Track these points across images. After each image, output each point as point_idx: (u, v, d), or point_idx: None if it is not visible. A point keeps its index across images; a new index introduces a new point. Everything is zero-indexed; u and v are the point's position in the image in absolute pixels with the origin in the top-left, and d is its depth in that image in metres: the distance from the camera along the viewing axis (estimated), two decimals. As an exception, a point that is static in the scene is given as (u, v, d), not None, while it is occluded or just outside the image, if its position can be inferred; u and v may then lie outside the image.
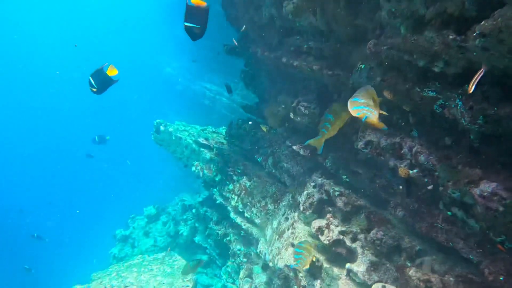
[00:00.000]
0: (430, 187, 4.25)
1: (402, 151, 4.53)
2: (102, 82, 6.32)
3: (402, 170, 4.36)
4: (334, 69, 5.52)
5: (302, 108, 6.47)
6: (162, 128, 14.29)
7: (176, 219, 15.15)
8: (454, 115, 3.69)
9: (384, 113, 4.03)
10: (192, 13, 4.70)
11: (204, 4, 4.70)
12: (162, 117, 15.32)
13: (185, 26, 4.75)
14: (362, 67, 4.76)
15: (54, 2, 47.24)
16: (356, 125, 5.59)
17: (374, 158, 5.20)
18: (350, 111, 3.98)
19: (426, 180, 4.19)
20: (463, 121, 3.53)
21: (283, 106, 7.10)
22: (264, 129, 8.94)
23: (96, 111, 37.84)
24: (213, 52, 22.19)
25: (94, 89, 6.32)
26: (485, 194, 3.41)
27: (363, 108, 3.91)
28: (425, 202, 4.56)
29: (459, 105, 3.55)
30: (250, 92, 10.34)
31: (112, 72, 6.22)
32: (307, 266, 5.67)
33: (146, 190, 24.49)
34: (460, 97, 3.55)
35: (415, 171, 4.29)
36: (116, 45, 48.53)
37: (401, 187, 5.03)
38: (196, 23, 4.76)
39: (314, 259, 5.83)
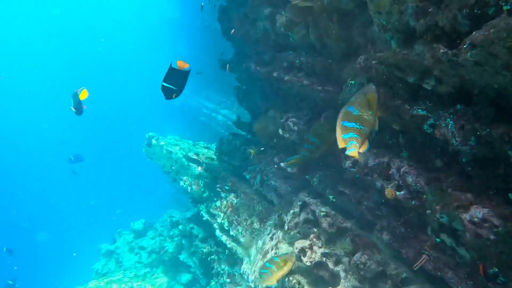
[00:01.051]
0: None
1: (390, 172, 4.31)
2: (77, 105, 6.82)
3: (389, 192, 4.14)
4: (325, 85, 5.36)
5: (291, 124, 6.28)
6: (153, 141, 14.07)
7: (163, 235, 14.79)
8: (444, 135, 3.49)
9: (375, 128, 3.79)
10: (173, 75, 4.81)
11: (187, 66, 4.83)
12: (158, 132, 15.14)
13: (162, 85, 4.83)
14: (352, 83, 4.59)
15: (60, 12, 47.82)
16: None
17: (362, 178, 4.98)
18: (338, 142, 3.74)
19: (413, 202, 3.96)
20: (454, 142, 3.33)
21: (272, 121, 6.91)
22: (252, 151, 8.75)
23: (91, 125, 37.63)
24: (211, 69, 22.27)
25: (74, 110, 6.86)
26: (475, 220, 3.18)
27: (352, 136, 3.70)
28: (412, 226, 4.32)
29: (450, 125, 3.35)
30: (243, 109, 10.17)
31: (83, 96, 6.71)
32: (270, 283, 5.35)
33: (137, 205, 24.07)
34: (451, 116, 3.36)
35: (402, 192, 4.07)
36: (116, 59, 48.92)
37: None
38: (174, 85, 4.88)
39: (282, 277, 5.58)
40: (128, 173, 30.09)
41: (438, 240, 4.02)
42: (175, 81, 4.89)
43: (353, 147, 3.66)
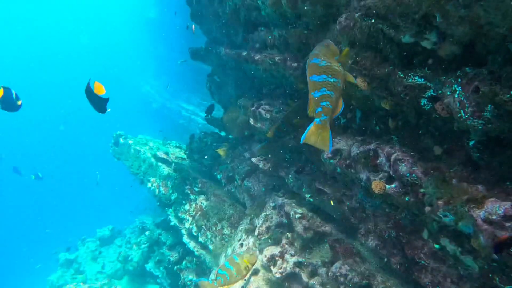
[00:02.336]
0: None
1: (378, 161, 3.46)
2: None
3: (377, 185, 3.29)
4: (300, 61, 4.51)
5: (263, 112, 5.41)
6: (121, 140, 13.03)
7: (130, 243, 13.64)
8: (449, 107, 2.67)
9: (352, 79, 2.92)
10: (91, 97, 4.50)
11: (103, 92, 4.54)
12: (139, 134, 14.12)
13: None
14: (331, 53, 3.74)
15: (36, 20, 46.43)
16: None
17: (344, 172, 4.13)
18: (309, 104, 2.81)
19: (407, 198, 3.11)
20: (462, 114, 2.50)
21: (243, 111, 6.04)
22: (221, 152, 7.83)
23: (65, 128, 36.09)
24: (192, 72, 21.40)
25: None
26: (493, 218, 2.34)
27: (325, 94, 2.76)
28: (404, 229, 3.47)
29: (458, 92, 2.53)
30: (215, 103, 9.28)
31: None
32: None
33: (107, 210, 22.72)
34: (459, 80, 2.54)
35: (393, 186, 3.22)
36: (95, 62, 47.62)
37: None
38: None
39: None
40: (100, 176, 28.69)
41: (437, 246, 3.19)
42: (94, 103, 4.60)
43: (324, 113, 2.77)
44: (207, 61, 8.45)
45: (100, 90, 4.62)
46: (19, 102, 5.63)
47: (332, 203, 4.63)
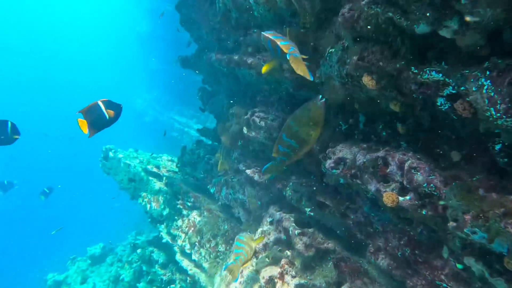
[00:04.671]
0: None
1: (388, 170, 3.07)
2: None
3: (389, 197, 2.89)
4: (297, 62, 4.13)
5: (257, 120, 5.03)
6: (111, 154, 12.54)
7: (122, 261, 13.08)
8: (473, 105, 2.30)
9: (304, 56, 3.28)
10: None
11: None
12: (129, 148, 13.65)
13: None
14: (332, 51, 3.38)
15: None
16: (324, 139, 4.15)
17: (348, 183, 3.73)
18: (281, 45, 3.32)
19: (424, 212, 2.72)
20: (492, 113, 2.13)
21: (236, 119, 5.64)
22: (220, 166, 7.20)
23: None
24: (184, 84, 21.08)
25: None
26: (537, 234, 1.95)
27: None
28: (421, 246, 3.07)
29: (486, 86, 2.15)
30: (207, 112, 8.88)
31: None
32: (248, 264, 4.79)
33: (101, 227, 22.00)
34: (488, 73, 2.16)
35: (407, 198, 2.82)
36: (86, 76, 47.27)
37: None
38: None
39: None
40: (91, 191, 27.96)
41: (459, 266, 2.78)
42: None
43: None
44: (197, 68, 8.08)
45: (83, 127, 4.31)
46: (16, 137, 5.32)
47: (335, 216, 4.24)
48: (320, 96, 3.98)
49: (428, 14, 2.22)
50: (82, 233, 20.71)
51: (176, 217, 8.90)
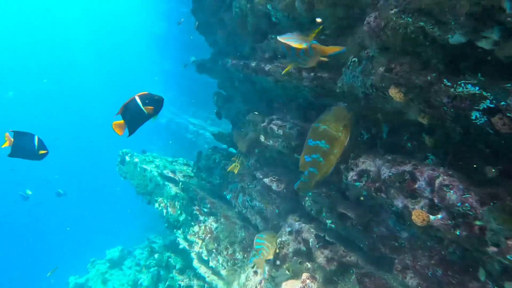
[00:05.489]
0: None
1: (416, 185, 2.91)
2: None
3: (419, 215, 2.73)
4: (317, 70, 3.99)
5: (275, 128, 4.89)
6: (127, 158, 12.58)
7: (139, 265, 13.11)
8: (513, 121, 2.13)
9: (325, 59, 3.17)
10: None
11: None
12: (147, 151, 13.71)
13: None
14: (355, 60, 3.23)
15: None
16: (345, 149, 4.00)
17: (371, 196, 3.58)
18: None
19: (458, 232, 2.55)
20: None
21: (253, 127, 5.52)
22: (234, 167, 7.05)
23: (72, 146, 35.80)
24: (198, 86, 21.07)
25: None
26: None
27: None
28: (453, 266, 2.90)
29: (529, 101, 1.98)
30: (223, 117, 8.79)
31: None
32: (271, 257, 4.93)
33: (121, 229, 22.16)
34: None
35: (439, 217, 2.66)
36: (102, 78, 47.80)
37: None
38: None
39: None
40: (109, 194, 28.17)
41: (497, 290, 2.61)
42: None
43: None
44: (213, 73, 8.00)
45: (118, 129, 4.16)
46: (42, 152, 4.94)
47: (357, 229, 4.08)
48: (342, 102, 3.86)
49: (465, 24, 2.05)
50: (101, 235, 20.90)
51: (192, 223, 8.83)
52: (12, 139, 4.66)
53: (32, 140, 4.82)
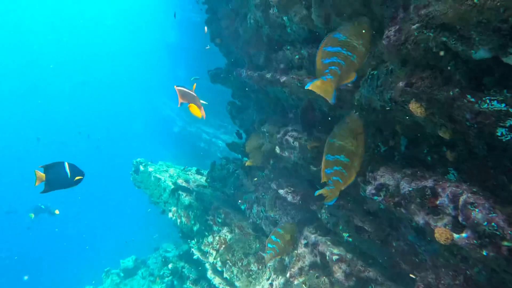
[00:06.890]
0: None
1: (438, 202, 2.83)
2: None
3: (442, 233, 2.64)
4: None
5: (291, 140, 4.85)
6: (141, 168, 12.66)
7: (153, 275, 13.12)
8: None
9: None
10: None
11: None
12: (157, 161, 13.75)
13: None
14: (374, 73, 3.18)
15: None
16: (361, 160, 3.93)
17: (390, 210, 3.50)
18: (317, 68, 3.15)
19: (485, 252, 2.46)
20: None
21: (268, 138, 5.48)
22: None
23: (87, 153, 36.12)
24: (211, 93, 21.12)
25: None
26: None
27: (335, 61, 3.04)
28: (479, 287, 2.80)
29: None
30: (237, 127, 8.78)
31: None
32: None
33: (134, 237, 22.23)
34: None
35: (464, 235, 2.57)
36: (116, 88, 48.33)
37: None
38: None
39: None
40: (124, 203, 28.29)
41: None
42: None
43: (331, 74, 3.00)
44: (227, 83, 8.01)
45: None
46: (78, 178, 4.78)
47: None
48: (354, 111, 3.80)
49: (491, 40, 1.99)
50: (115, 244, 20.97)
51: (206, 233, 8.82)
52: (44, 174, 4.52)
53: (63, 168, 4.66)
